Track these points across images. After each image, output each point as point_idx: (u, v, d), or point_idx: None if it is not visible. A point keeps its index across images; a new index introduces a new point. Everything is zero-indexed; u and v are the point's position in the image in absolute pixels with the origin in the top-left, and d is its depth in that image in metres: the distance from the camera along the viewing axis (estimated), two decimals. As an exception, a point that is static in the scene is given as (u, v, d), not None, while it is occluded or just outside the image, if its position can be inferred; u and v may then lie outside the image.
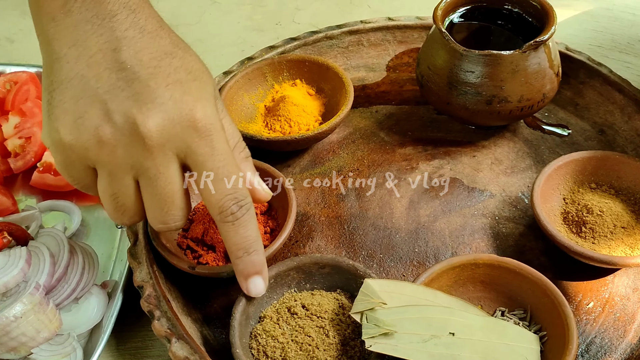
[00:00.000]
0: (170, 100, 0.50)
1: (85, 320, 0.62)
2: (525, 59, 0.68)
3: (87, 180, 0.53)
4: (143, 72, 0.50)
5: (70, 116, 0.50)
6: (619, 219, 0.64)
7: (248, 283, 0.56)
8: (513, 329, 0.56)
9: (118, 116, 0.49)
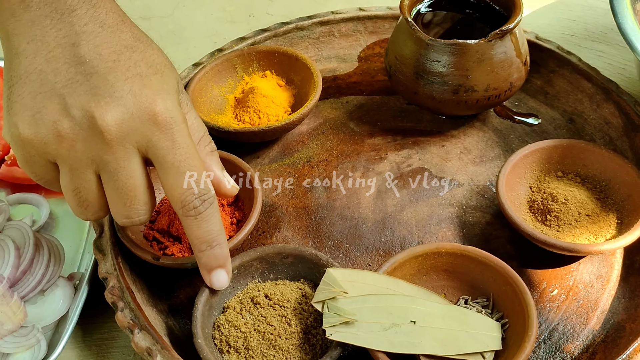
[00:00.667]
0: (130, 93, 0.51)
1: (50, 312, 0.62)
2: (491, 48, 0.68)
3: (49, 175, 0.53)
4: (102, 66, 0.50)
5: (29, 111, 0.50)
6: (584, 207, 0.64)
7: (211, 276, 0.57)
8: (474, 317, 0.56)
9: (76, 110, 0.49)
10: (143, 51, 0.53)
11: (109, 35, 0.52)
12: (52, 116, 0.49)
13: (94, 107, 0.49)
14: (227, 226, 0.66)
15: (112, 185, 0.52)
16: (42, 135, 0.50)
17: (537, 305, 0.61)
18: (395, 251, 0.65)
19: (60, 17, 0.50)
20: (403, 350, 0.54)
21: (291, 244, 0.67)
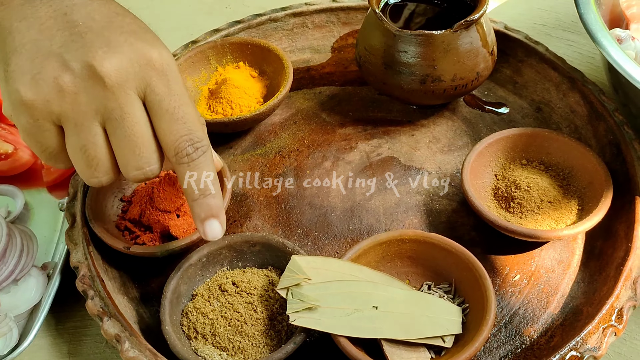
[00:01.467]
0: (126, 43, 0.51)
1: (23, 301, 0.63)
2: (456, 38, 0.69)
3: (55, 142, 0.52)
4: (95, 26, 0.51)
5: (28, 75, 0.49)
6: (546, 194, 0.65)
7: (204, 226, 0.54)
8: (436, 302, 0.58)
9: (75, 63, 0.49)
10: (134, 18, 0.54)
11: (99, 5, 0.53)
12: (52, 73, 0.49)
13: (92, 57, 0.49)
14: (198, 215, 0.67)
15: (119, 134, 0.51)
16: (44, 93, 0.49)
17: (500, 291, 0.63)
18: (362, 239, 0.66)
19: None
20: (364, 334, 0.55)
21: (261, 232, 0.68)
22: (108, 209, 0.67)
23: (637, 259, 0.59)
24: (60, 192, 0.75)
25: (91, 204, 0.65)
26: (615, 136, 0.69)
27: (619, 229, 0.63)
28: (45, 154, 0.53)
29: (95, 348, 0.63)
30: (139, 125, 0.51)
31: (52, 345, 0.63)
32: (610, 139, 0.69)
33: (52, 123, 0.51)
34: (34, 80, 0.49)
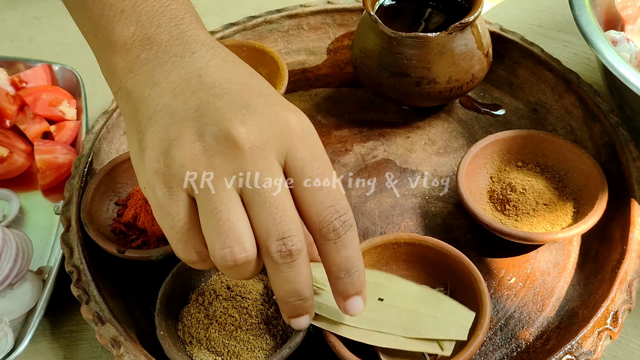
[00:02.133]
0: (265, 105, 0.48)
1: (19, 305, 0.63)
2: (451, 40, 0.69)
3: (185, 215, 0.47)
4: (233, 88, 0.48)
5: (164, 143, 0.47)
6: (541, 196, 0.65)
7: (346, 303, 0.51)
8: (448, 303, 0.56)
9: (212, 127, 0.46)
10: (263, 81, 0.52)
11: (233, 67, 0.51)
12: (188, 139, 0.46)
13: (231, 120, 0.46)
14: (193, 219, 0.67)
15: (257, 202, 0.46)
16: (179, 158, 0.46)
17: (495, 294, 0.63)
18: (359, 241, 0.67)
19: (181, 59, 0.49)
20: (359, 324, 0.54)
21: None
22: (103, 213, 0.67)
23: (632, 261, 0.59)
24: (56, 196, 0.75)
25: (86, 208, 0.65)
26: (610, 138, 0.68)
27: (615, 232, 0.63)
28: (174, 231, 0.47)
29: (91, 352, 0.63)
30: (279, 191, 0.46)
31: (47, 349, 0.63)
32: (606, 140, 0.69)
33: (185, 193, 0.47)
34: (171, 146, 0.46)
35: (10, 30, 0.98)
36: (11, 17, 1.00)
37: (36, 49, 0.95)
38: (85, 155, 0.69)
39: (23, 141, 0.78)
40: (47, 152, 0.75)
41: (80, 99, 0.81)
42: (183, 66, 0.49)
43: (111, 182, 0.68)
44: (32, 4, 1.02)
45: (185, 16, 0.52)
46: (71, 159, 0.75)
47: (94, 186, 0.67)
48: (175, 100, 0.48)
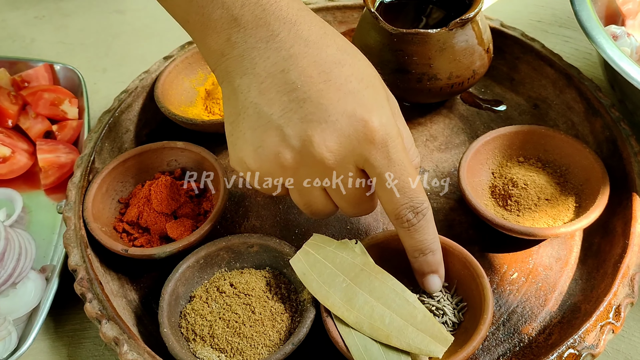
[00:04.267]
0: (343, 115, 0.51)
1: (22, 304, 0.63)
2: (452, 36, 0.69)
3: (278, 189, 0.56)
4: (314, 90, 0.51)
5: (251, 146, 0.53)
6: (543, 191, 0.65)
7: (423, 280, 0.58)
8: (426, 319, 0.55)
9: (295, 141, 0.51)
10: (351, 64, 0.53)
11: (316, 53, 0.52)
12: (273, 149, 0.52)
13: (311, 135, 0.51)
14: (195, 217, 0.67)
15: (338, 197, 0.55)
16: (267, 167, 0.53)
17: (498, 289, 0.63)
18: (361, 238, 0.67)
19: (265, 45, 0.51)
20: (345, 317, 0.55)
21: (259, 233, 0.68)
22: (106, 211, 0.68)
23: (634, 256, 0.59)
24: (58, 195, 0.75)
25: (89, 207, 0.65)
26: (611, 132, 0.68)
27: (617, 226, 0.63)
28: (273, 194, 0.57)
29: (95, 351, 0.63)
30: (355, 191, 0.54)
31: (51, 348, 0.64)
32: (607, 135, 0.69)
33: (275, 182, 0.55)
34: (257, 153, 0.52)
35: (12, 30, 0.98)
36: (13, 17, 1.00)
37: (38, 48, 0.95)
38: (87, 155, 0.70)
39: (25, 141, 0.78)
40: (50, 151, 0.75)
41: (82, 98, 0.81)
42: (268, 55, 0.51)
43: (113, 181, 0.69)
44: (34, 4, 1.02)
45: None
46: (73, 158, 0.76)
47: (96, 185, 0.67)
48: (262, 98, 0.52)
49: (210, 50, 0.54)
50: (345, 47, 0.54)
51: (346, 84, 0.52)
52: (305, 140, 0.51)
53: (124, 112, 0.75)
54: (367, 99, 0.52)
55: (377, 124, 0.51)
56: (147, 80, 0.77)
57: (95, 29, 0.98)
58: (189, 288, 0.61)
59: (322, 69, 0.51)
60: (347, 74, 0.52)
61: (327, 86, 0.51)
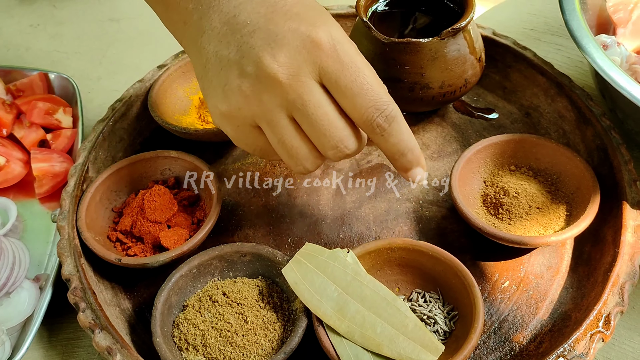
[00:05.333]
0: (289, 31, 0.52)
1: (16, 313, 0.64)
2: (444, 45, 0.70)
3: (260, 140, 0.57)
4: (261, 20, 0.53)
5: (219, 89, 0.55)
6: (534, 200, 0.66)
7: (407, 175, 0.57)
8: (417, 328, 0.56)
9: (250, 67, 0.52)
10: (299, 2, 0.54)
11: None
12: (235, 82, 0.53)
13: (262, 57, 0.52)
14: (188, 226, 0.67)
15: (306, 121, 0.53)
16: (234, 102, 0.54)
17: (489, 297, 0.63)
18: (353, 247, 0.67)
19: (218, 3, 0.55)
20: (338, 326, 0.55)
21: (252, 242, 0.68)
22: (100, 220, 0.68)
23: (624, 264, 0.59)
24: (53, 204, 0.76)
25: (83, 216, 0.65)
26: (602, 141, 0.69)
27: (607, 234, 0.64)
28: (257, 153, 0.58)
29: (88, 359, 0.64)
30: (322, 108, 0.53)
31: (44, 357, 0.64)
32: (598, 143, 0.70)
33: (251, 126, 0.55)
34: (224, 93, 0.54)
35: (6, 38, 0.98)
36: (7, 25, 1.00)
37: (33, 57, 0.95)
38: (81, 164, 0.70)
39: (20, 150, 0.78)
40: (44, 160, 0.76)
41: (77, 107, 0.82)
42: (221, 9, 0.54)
43: (107, 190, 0.69)
44: (29, 12, 1.02)
45: None
46: (67, 167, 0.76)
47: (90, 194, 0.67)
48: (220, 45, 0.54)
49: (174, 22, 0.58)
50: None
51: (292, 9, 0.54)
52: (258, 62, 0.52)
53: (117, 121, 0.75)
54: (313, 16, 0.53)
55: (323, 32, 0.52)
56: (141, 89, 0.78)
57: (89, 38, 0.98)
58: (182, 297, 0.61)
59: (269, 4, 0.54)
60: (292, 2, 0.54)
61: (273, 15, 0.53)
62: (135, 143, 0.77)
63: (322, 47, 0.52)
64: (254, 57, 0.52)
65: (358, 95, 0.52)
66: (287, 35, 0.52)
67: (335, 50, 0.52)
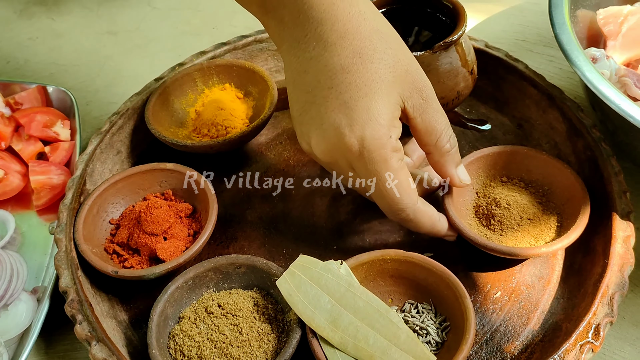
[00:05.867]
0: (332, 126, 0.57)
1: (14, 325, 0.64)
2: (436, 59, 0.71)
3: None
4: (319, 96, 0.57)
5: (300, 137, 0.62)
6: (525, 211, 0.67)
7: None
8: (409, 339, 0.56)
9: (304, 139, 0.60)
10: (357, 70, 0.57)
11: (329, 57, 0.57)
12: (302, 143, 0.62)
13: (311, 138, 0.59)
14: (184, 238, 0.68)
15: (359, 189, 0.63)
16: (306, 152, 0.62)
17: (481, 307, 0.64)
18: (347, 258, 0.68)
19: (297, 45, 0.59)
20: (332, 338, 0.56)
21: (247, 253, 0.69)
22: (97, 233, 0.69)
23: (613, 275, 0.60)
24: (51, 216, 0.76)
25: (80, 228, 0.66)
26: (593, 152, 0.70)
27: (597, 245, 0.65)
28: None
29: (85, 371, 0.64)
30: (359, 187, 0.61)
31: (42, 369, 0.65)
32: (589, 155, 0.70)
33: None
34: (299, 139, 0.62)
35: (5, 52, 0.99)
36: (6, 39, 1.01)
37: (31, 70, 0.96)
38: (78, 176, 0.71)
39: (18, 162, 0.79)
40: (42, 172, 0.76)
41: (74, 120, 0.83)
42: (299, 54, 0.59)
43: (104, 203, 0.70)
44: (27, 25, 1.03)
45: None
46: (65, 179, 0.77)
47: (87, 207, 0.68)
48: (292, 94, 0.60)
49: (273, 38, 0.62)
50: (361, 49, 0.57)
51: (345, 92, 0.56)
52: (308, 141, 0.59)
53: (115, 133, 0.76)
54: (357, 113, 0.56)
55: (354, 140, 0.56)
56: (138, 101, 0.78)
57: (87, 50, 0.99)
58: (177, 309, 0.62)
59: (329, 75, 0.57)
60: (349, 81, 0.56)
61: (329, 93, 0.57)
62: (132, 155, 0.78)
63: (352, 151, 0.57)
64: (306, 133, 0.59)
65: (377, 198, 0.60)
66: (328, 129, 0.57)
67: (362, 158, 0.57)
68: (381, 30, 0.59)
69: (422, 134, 0.61)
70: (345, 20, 0.57)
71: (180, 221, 0.69)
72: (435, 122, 0.61)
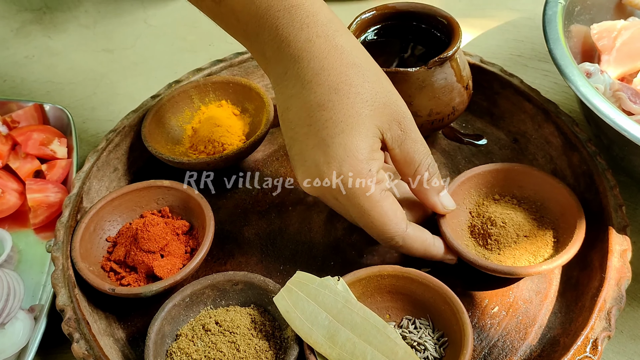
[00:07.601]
0: (313, 164, 0.58)
1: (10, 344, 0.64)
2: (431, 74, 0.71)
3: None
4: (300, 134, 0.59)
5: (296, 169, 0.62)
6: (521, 228, 0.67)
7: None
8: (407, 355, 0.56)
9: (295, 174, 0.62)
10: (333, 107, 0.57)
11: (306, 94, 0.58)
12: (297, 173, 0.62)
13: (297, 173, 0.61)
14: (182, 255, 0.68)
15: None
16: None
17: (479, 323, 0.64)
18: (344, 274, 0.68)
19: (280, 82, 0.60)
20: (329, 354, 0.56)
21: (245, 270, 0.69)
22: (94, 250, 0.69)
23: (610, 289, 0.60)
24: (48, 234, 0.76)
25: (77, 246, 0.66)
26: (588, 166, 0.70)
27: (594, 259, 0.65)
28: None
29: (82, 390, 0.64)
30: None
31: (39, 388, 0.64)
32: (584, 169, 0.71)
33: None
34: None
35: (2, 70, 1.00)
36: (3, 57, 1.02)
37: (27, 88, 0.97)
38: (75, 194, 0.71)
39: (15, 180, 0.79)
40: (39, 191, 0.77)
41: (71, 137, 0.83)
42: (282, 91, 0.60)
43: (101, 220, 0.70)
44: (24, 44, 1.04)
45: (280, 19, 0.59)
46: (62, 197, 0.77)
47: (84, 224, 0.68)
48: (281, 128, 0.62)
49: (263, 69, 0.64)
50: (337, 83, 0.58)
51: (322, 129, 0.57)
52: (295, 175, 0.61)
53: (112, 151, 0.76)
54: (334, 150, 0.57)
55: (333, 177, 0.58)
56: (134, 119, 0.79)
57: (83, 68, 1.00)
58: (175, 326, 0.62)
59: (307, 112, 0.58)
60: (325, 118, 0.57)
61: (309, 130, 0.58)
62: (129, 173, 0.78)
63: (332, 188, 0.58)
64: (293, 167, 0.61)
65: (365, 228, 0.61)
66: (310, 167, 0.59)
67: (343, 193, 0.58)
68: (358, 64, 0.59)
69: (401, 165, 0.62)
70: (322, 57, 0.58)
71: (177, 238, 0.69)
72: (413, 152, 0.61)
